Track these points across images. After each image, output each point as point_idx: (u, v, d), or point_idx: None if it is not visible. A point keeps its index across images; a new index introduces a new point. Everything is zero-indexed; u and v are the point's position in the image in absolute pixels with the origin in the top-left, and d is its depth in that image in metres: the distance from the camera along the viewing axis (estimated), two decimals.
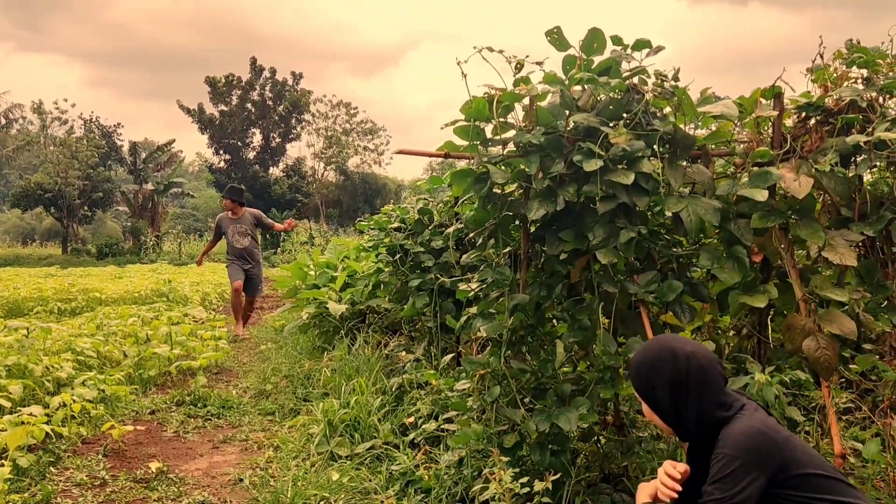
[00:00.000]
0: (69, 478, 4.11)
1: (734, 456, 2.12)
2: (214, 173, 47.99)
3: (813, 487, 2.12)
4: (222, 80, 47.18)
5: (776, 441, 2.14)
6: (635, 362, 2.39)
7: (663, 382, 2.29)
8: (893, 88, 3.27)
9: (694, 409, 2.27)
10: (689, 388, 2.26)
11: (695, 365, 2.25)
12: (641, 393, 2.39)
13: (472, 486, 3.50)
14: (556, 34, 3.47)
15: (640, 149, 3.15)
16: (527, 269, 3.54)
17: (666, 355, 2.30)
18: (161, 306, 10.40)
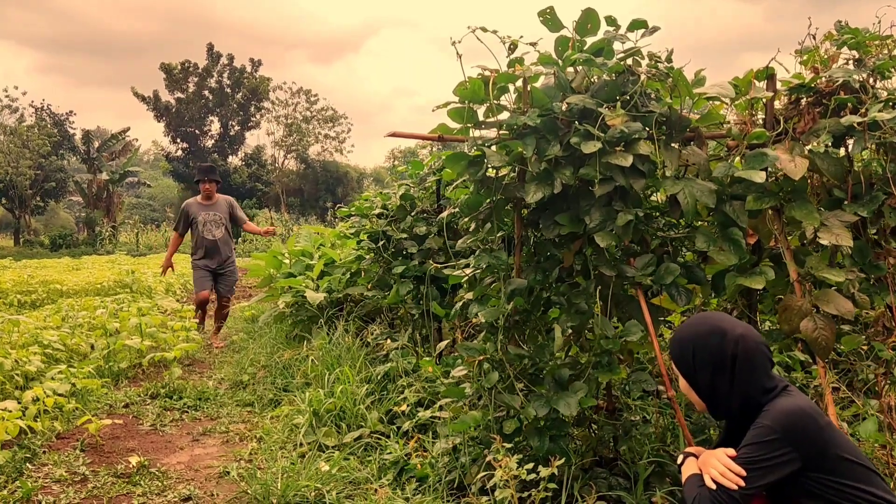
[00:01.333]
0: (48, 474, 3.98)
1: (773, 428, 2.14)
2: (172, 162, 47.19)
3: (847, 474, 2.13)
4: (178, 67, 46.33)
5: (819, 424, 2.14)
6: (680, 337, 2.39)
7: (706, 362, 2.30)
8: (885, 69, 3.28)
9: (737, 392, 2.27)
10: (735, 371, 2.26)
11: (743, 348, 2.25)
12: (681, 368, 2.40)
13: (467, 473, 3.47)
14: (548, 14, 3.42)
15: (638, 130, 3.12)
16: (520, 253, 3.49)
17: (715, 335, 2.30)
18: (126, 297, 10.16)
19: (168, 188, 60.23)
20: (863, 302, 3.16)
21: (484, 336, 3.47)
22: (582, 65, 3.26)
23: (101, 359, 6.28)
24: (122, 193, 45.96)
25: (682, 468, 2.43)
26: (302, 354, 5.68)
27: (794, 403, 2.19)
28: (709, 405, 2.39)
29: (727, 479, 2.16)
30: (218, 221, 8.10)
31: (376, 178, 54.47)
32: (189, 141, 46.50)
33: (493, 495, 2.95)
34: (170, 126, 46.02)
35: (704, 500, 2.18)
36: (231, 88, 47.20)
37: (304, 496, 3.59)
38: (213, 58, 46.95)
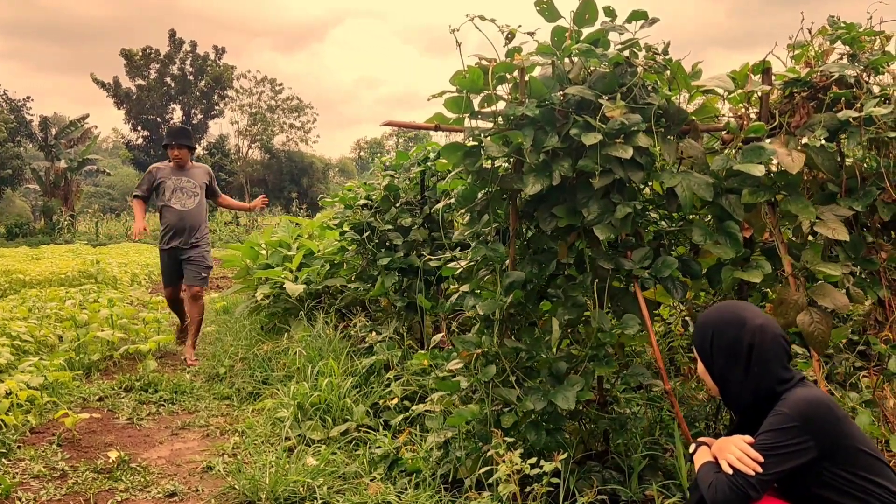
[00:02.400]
0: (25, 470, 3.86)
1: (792, 416, 2.14)
2: (132, 150, 46.35)
3: (863, 466, 2.14)
4: (139, 53, 45.51)
5: (836, 415, 2.15)
6: (702, 322, 2.42)
7: (722, 350, 2.33)
8: (880, 64, 3.31)
9: (750, 382, 2.28)
10: (750, 361, 2.28)
11: (760, 339, 2.27)
12: (700, 353, 2.43)
13: (461, 467, 3.44)
14: (545, 4, 3.38)
15: (637, 122, 3.11)
16: (514, 245, 3.46)
17: (734, 324, 2.32)
18: (92, 288, 9.93)
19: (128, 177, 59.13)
20: (857, 296, 3.19)
21: (478, 329, 3.43)
22: (582, 55, 3.22)
23: (72, 351, 6.12)
24: (80, 182, 45.02)
25: (694, 456, 2.43)
26: (282, 347, 5.59)
27: (813, 394, 2.21)
28: (721, 392, 2.41)
29: (745, 464, 2.15)
30: (191, 191, 6.57)
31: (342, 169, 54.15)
32: (150, 129, 45.72)
33: (497, 489, 2.91)
34: (130, 113, 45.18)
35: (722, 484, 2.17)
36: (194, 76, 46.47)
37: (293, 491, 3.52)
38: (176, 44, 46.18)
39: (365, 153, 52.90)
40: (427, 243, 4.91)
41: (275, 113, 50.20)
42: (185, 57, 46.45)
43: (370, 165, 46.07)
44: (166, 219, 6.59)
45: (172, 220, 6.55)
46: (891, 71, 3.34)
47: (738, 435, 2.28)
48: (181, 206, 6.53)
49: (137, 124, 45.57)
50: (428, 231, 4.90)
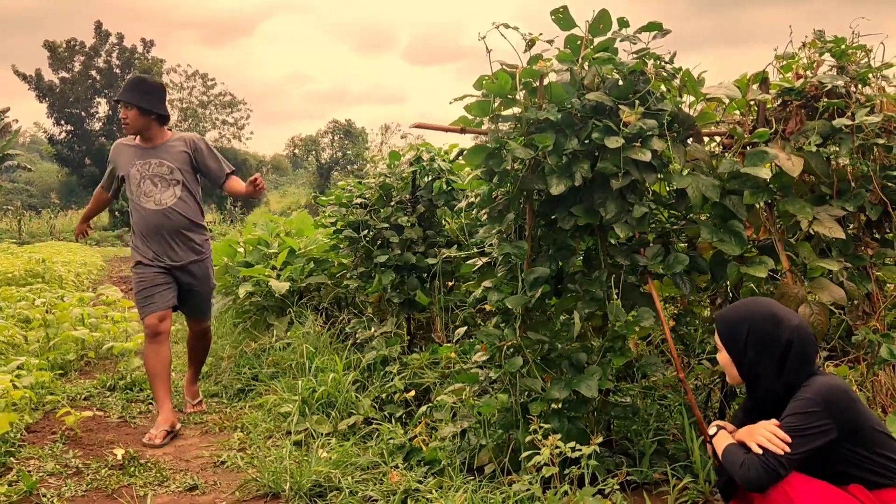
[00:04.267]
0: (39, 467, 3.84)
1: (815, 401, 2.35)
2: (55, 145, 44.82)
3: (877, 442, 2.37)
4: (63, 45, 44.06)
5: (853, 399, 2.38)
6: (735, 317, 2.58)
7: (758, 345, 2.49)
8: (866, 76, 3.61)
9: (785, 377, 2.46)
10: (787, 358, 2.45)
11: (798, 338, 2.45)
12: (730, 346, 2.58)
13: (477, 456, 3.59)
14: (561, 13, 3.56)
15: (654, 127, 3.31)
16: (531, 243, 3.63)
17: (771, 321, 2.50)
18: (43, 287, 9.68)
19: (48, 172, 57.04)
20: (851, 290, 3.47)
21: (497, 322, 3.59)
22: (601, 64, 3.41)
23: (48, 350, 6.02)
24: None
25: (714, 439, 2.63)
26: (272, 344, 5.64)
27: (832, 381, 2.43)
28: (749, 382, 2.59)
29: (775, 444, 2.36)
30: (167, 177, 4.61)
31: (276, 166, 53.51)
32: (74, 123, 44.28)
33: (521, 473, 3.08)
34: (53, 107, 43.68)
35: (754, 464, 2.37)
36: (121, 69, 45.19)
37: (315, 482, 3.61)
38: (102, 36, 44.86)
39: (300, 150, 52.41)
40: (421, 241, 5.04)
41: (207, 109, 49.27)
42: (112, 49, 45.17)
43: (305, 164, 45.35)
44: (138, 226, 4.65)
45: (146, 227, 4.59)
46: (876, 82, 3.65)
47: (764, 420, 2.50)
48: (155, 203, 4.57)
49: (61, 118, 44.06)
50: (423, 229, 5.04)
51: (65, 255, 17.60)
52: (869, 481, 2.39)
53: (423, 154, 5.15)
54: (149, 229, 4.63)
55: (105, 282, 15.68)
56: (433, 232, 5.09)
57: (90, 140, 43.44)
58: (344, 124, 47.91)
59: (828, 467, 2.42)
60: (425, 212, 5.07)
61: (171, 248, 4.69)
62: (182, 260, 4.73)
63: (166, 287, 4.67)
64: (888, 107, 3.59)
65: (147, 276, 4.63)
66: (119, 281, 15.78)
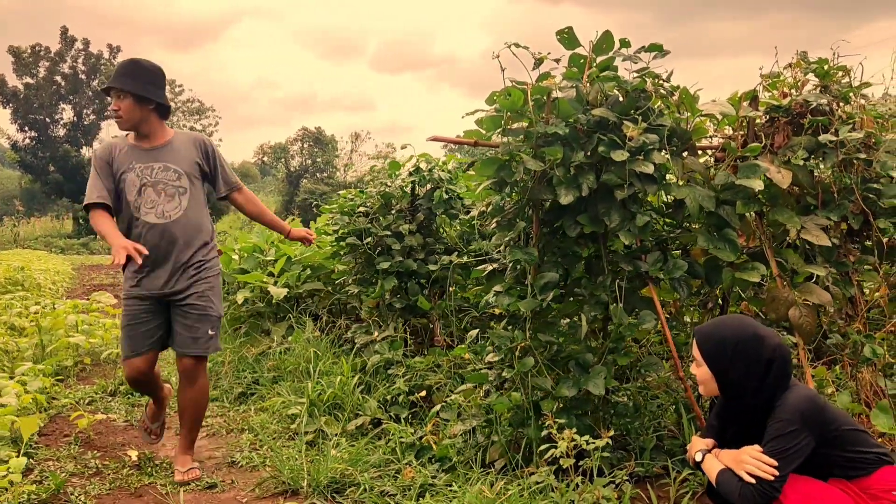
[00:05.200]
0: (60, 468, 3.94)
1: (792, 421, 2.51)
2: (18, 152, 44.16)
3: (849, 440, 2.58)
4: (28, 50, 43.48)
5: (821, 406, 2.57)
6: (719, 335, 2.68)
7: (743, 361, 2.61)
8: (847, 94, 3.88)
9: (766, 391, 2.59)
10: (768, 374, 2.59)
11: (780, 356, 2.59)
12: (713, 362, 2.67)
13: (489, 450, 3.78)
14: (566, 34, 3.77)
15: (655, 142, 3.54)
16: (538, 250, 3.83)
17: (755, 339, 2.61)
18: (25, 295, 9.68)
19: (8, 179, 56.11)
20: (836, 294, 3.73)
21: (506, 325, 3.78)
22: (607, 82, 3.64)
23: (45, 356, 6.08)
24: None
25: (703, 465, 2.78)
26: (274, 348, 5.77)
27: (802, 395, 2.58)
28: (730, 396, 2.70)
29: (764, 471, 2.51)
30: (172, 183, 3.88)
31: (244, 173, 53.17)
32: (38, 129, 43.67)
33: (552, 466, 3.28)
34: (17, 113, 43.03)
35: (749, 492, 2.50)
36: (86, 75, 44.76)
37: (332, 478, 3.77)
38: (67, 42, 44.39)
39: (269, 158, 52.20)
40: (420, 248, 5.23)
41: (174, 115, 48.88)
42: (77, 55, 44.71)
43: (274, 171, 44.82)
44: (140, 231, 3.86)
45: (145, 242, 3.76)
46: (856, 100, 3.93)
47: (747, 446, 2.61)
48: (157, 215, 3.84)
49: (25, 124, 43.42)
50: (422, 237, 5.22)
51: (35, 263, 17.46)
52: (847, 476, 2.61)
53: (423, 164, 5.34)
54: (147, 247, 3.69)
55: (77, 289, 15.62)
56: (432, 239, 5.28)
57: (54, 146, 42.91)
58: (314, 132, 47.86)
59: (808, 470, 2.62)
60: (424, 220, 5.25)
61: (171, 270, 3.87)
62: (182, 287, 3.90)
63: (147, 328, 3.93)
64: (868, 123, 3.86)
65: (130, 312, 3.95)
66: (92, 288, 15.72)
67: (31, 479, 3.71)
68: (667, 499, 3.40)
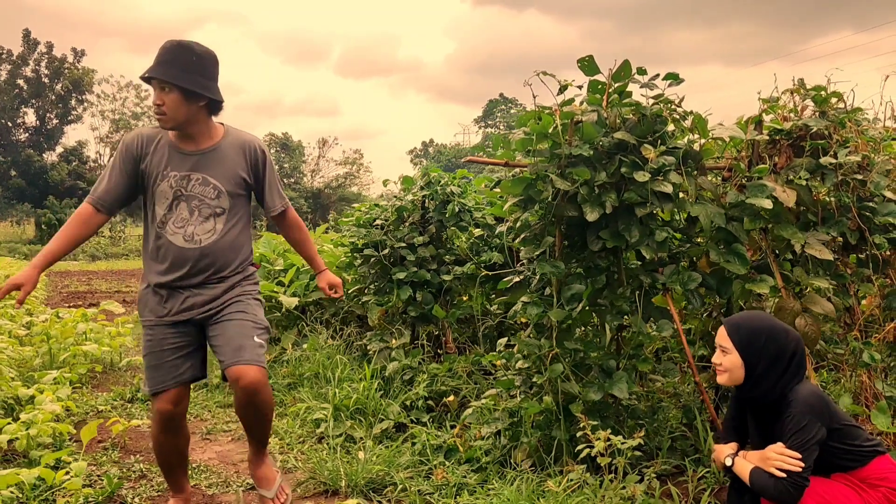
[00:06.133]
0: (106, 472, 4.09)
1: (806, 414, 2.78)
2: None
3: (848, 435, 2.86)
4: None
5: (827, 401, 2.87)
6: (752, 326, 2.94)
7: (772, 352, 2.88)
8: (843, 120, 4.21)
9: (785, 381, 2.87)
10: (790, 366, 2.87)
11: (800, 349, 2.89)
12: (746, 352, 2.91)
13: (516, 452, 4.03)
14: (587, 62, 4.04)
15: (672, 163, 3.83)
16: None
17: (782, 333, 2.91)
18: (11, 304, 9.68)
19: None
20: (837, 304, 4.05)
21: (533, 333, 4.04)
22: (627, 107, 3.92)
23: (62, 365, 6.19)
24: None
25: (734, 469, 2.98)
26: (289, 355, 5.95)
27: (811, 391, 2.86)
28: (754, 385, 2.94)
29: (792, 465, 2.77)
30: (209, 202, 3.31)
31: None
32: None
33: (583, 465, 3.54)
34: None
35: (784, 486, 2.76)
36: (49, 78, 44.27)
37: (368, 479, 3.98)
38: (30, 45, 43.86)
39: None
40: (433, 259, 5.47)
41: (140, 120, 48.42)
42: (41, 58, 44.19)
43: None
44: (154, 261, 3.31)
45: (165, 265, 3.27)
46: (852, 125, 4.26)
47: (771, 445, 2.86)
48: (185, 238, 3.27)
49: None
50: (435, 248, 5.47)
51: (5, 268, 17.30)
52: (846, 468, 2.88)
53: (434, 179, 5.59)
54: (169, 269, 3.26)
55: (54, 297, 15.57)
56: (443, 250, 5.53)
57: (16, 150, 42.32)
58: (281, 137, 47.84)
59: (815, 463, 2.89)
60: (436, 232, 5.49)
61: (200, 295, 3.31)
62: (217, 305, 3.34)
63: (183, 352, 3.35)
64: (862, 147, 4.19)
65: (153, 338, 3.32)
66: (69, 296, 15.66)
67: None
68: (686, 495, 3.67)
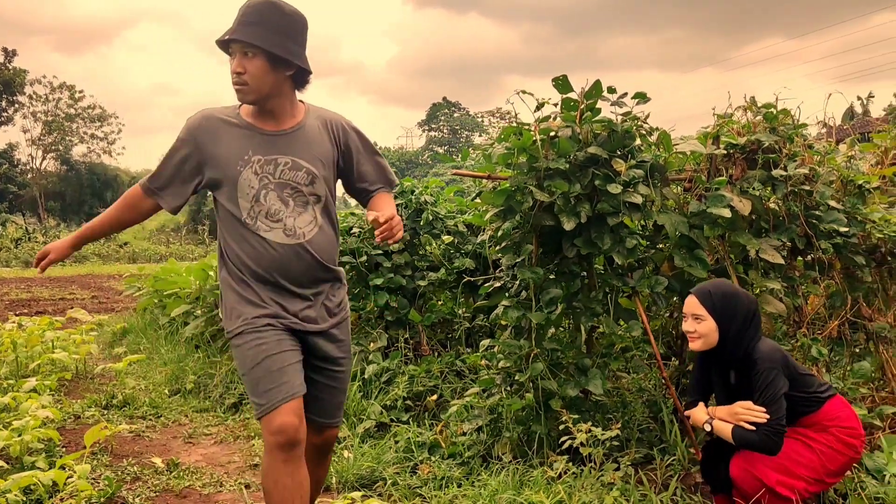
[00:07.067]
0: (100, 476, 4.19)
1: (772, 368, 3.15)
2: None
3: (805, 384, 3.24)
4: None
5: (786, 355, 3.27)
6: (723, 292, 3.30)
7: (742, 313, 3.24)
8: (792, 136, 4.60)
9: (751, 337, 3.24)
10: (752, 324, 3.25)
11: (757, 308, 3.31)
12: (722, 315, 3.24)
13: (496, 446, 4.29)
14: (561, 81, 4.34)
15: (641, 175, 4.15)
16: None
17: (743, 295, 3.32)
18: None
19: None
20: (787, 304, 4.42)
21: (512, 335, 4.30)
22: (598, 123, 4.22)
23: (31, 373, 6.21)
24: None
25: (714, 431, 3.31)
26: None
27: (772, 346, 3.25)
28: (729, 345, 3.25)
29: (758, 417, 3.12)
30: (303, 188, 2.81)
31: None
32: None
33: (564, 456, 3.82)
34: None
35: (765, 435, 3.10)
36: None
37: (357, 475, 4.19)
38: None
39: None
40: (407, 266, 5.69)
41: (74, 122, 47.25)
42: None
43: None
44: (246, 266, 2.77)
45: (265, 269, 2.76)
46: (799, 140, 4.65)
47: (738, 402, 3.27)
48: (286, 233, 2.77)
49: None
50: (410, 255, 5.69)
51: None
52: (805, 412, 3.23)
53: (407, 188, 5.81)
54: (270, 274, 2.75)
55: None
56: (417, 257, 5.76)
57: None
58: None
59: None
60: (410, 239, 5.72)
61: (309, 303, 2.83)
62: (319, 323, 2.86)
63: (298, 359, 2.78)
64: (809, 160, 4.59)
65: (268, 339, 2.70)
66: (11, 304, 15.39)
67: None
68: (655, 481, 3.98)
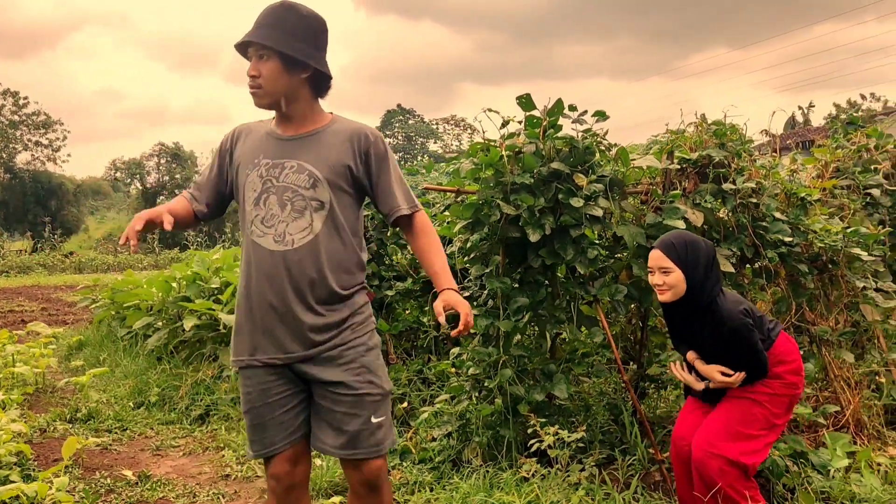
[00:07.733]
0: (73, 489, 4.22)
1: (745, 322, 3.31)
2: None
3: (761, 325, 3.44)
4: None
5: (747, 302, 3.48)
6: (684, 242, 3.42)
7: (702, 260, 3.39)
8: (740, 151, 4.86)
9: (713, 283, 3.41)
10: (713, 269, 3.43)
11: (715, 252, 3.49)
12: (685, 263, 3.34)
13: (464, 451, 4.44)
14: (524, 99, 4.52)
15: (601, 189, 4.35)
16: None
17: (700, 241, 3.47)
18: None
19: None
20: None
21: (480, 343, 4.46)
22: (560, 140, 4.41)
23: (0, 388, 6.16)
24: None
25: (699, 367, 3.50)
26: (230, 371, 6.13)
27: (734, 298, 3.45)
28: (695, 293, 3.39)
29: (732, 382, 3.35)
30: (302, 192, 2.61)
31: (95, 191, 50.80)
32: None
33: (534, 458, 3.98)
34: None
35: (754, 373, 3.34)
36: None
37: (329, 481, 4.30)
38: None
39: (122, 174, 50.17)
40: (374, 276, 5.81)
41: (18, 129, 46.10)
42: None
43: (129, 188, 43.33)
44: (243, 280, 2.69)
45: (254, 283, 2.62)
46: (747, 155, 4.91)
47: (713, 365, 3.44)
48: (276, 238, 2.60)
49: None
50: (377, 265, 5.81)
51: None
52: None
53: None
54: (257, 287, 2.61)
55: None
56: (384, 267, 5.88)
57: None
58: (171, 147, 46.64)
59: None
60: (378, 249, 5.85)
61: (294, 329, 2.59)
62: (300, 351, 2.61)
63: (284, 407, 2.68)
64: (755, 174, 4.86)
65: (252, 389, 2.69)
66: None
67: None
68: (618, 480, 4.18)
